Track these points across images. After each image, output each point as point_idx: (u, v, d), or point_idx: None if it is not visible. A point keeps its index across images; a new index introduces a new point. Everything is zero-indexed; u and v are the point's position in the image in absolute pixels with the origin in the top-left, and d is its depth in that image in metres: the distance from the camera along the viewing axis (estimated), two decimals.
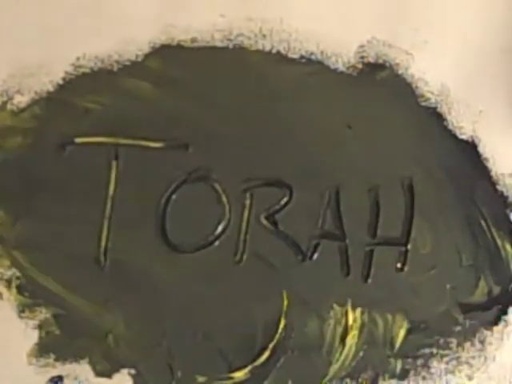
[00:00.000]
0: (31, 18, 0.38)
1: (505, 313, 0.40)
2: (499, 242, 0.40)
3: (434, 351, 0.39)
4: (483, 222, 0.40)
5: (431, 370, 0.39)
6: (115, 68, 0.39)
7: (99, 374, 0.39)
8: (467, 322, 0.40)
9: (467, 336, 0.40)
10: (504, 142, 0.40)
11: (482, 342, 0.40)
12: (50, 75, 0.38)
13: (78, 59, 0.38)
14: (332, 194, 0.39)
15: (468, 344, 0.40)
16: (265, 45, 0.39)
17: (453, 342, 0.39)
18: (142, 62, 0.39)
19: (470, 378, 0.39)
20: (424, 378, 0.39)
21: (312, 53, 0.39)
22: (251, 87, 0.39)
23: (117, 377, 0.39)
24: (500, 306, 0.40)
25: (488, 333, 0.40)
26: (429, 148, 0.40)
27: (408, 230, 0.40)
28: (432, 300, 0.40)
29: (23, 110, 0.38)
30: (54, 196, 0.38)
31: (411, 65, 0.40)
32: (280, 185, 0.39)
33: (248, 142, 0.39)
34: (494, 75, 0.40)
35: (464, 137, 0.40)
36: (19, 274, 0.38)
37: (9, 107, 0.38)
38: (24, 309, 0.38)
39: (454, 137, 0.40)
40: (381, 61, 0.40)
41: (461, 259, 0.40)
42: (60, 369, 0.38)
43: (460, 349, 0.40)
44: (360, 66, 0.40)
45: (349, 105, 0.40)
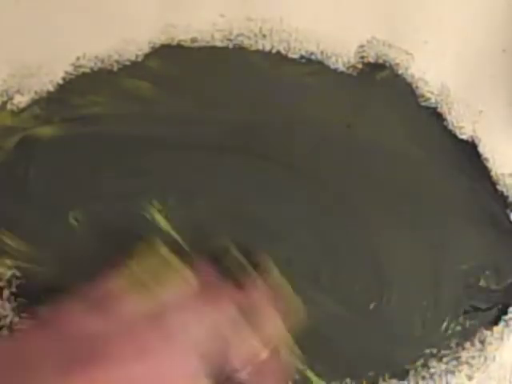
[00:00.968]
0: (31, 18, 0.38)
1: (505, 313, 0.40)
2: (499, 242, 0.40)
3: (434, 351, 0.39)
4: (483, 222, 0.40)
5: (431, 370, 0.39)
6: (115, 68, 0.39)
7: None
8: (467, 322, 0.40)
9: (467, 336, 0.40)
10: (504, 142, 0.40)
11: (482, 342, 0.40)
12: (50, 75, 0.38)
13: (78, 59, 0.38)
14: None
15: (468, 344, 0.40)
16: (265, 45, 0.39)
17: (453, 342, 0.39)
18: (142, 62, 0.39)
19: (470, 378, 0.39)
20: (424, 378, 0.39)
21: (312, 53, 0.39)
22: (251, 87, 0.39)
23: None
24: (500, 306, 0.40)
25: (488, 333, 0.40)
26: (429, 148, 0.40)
27: None
28: None
29: (23, 110, 0.38)
30: None
31: (411, 65, 0.40)
32: None
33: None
34: (494, 75, 0.40)
35: (464, 137, 0.40)
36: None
37: (9, 107, 0.38)
38: None
39: (454, 137, 0.40)
40: (381, 61, 0.40)
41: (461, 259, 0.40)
42: None
43: (460, 349, 0.39)
44: (360, 66, 0.40)
45: (349, 105, 0.40)
